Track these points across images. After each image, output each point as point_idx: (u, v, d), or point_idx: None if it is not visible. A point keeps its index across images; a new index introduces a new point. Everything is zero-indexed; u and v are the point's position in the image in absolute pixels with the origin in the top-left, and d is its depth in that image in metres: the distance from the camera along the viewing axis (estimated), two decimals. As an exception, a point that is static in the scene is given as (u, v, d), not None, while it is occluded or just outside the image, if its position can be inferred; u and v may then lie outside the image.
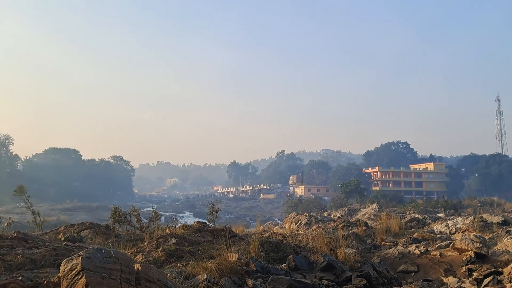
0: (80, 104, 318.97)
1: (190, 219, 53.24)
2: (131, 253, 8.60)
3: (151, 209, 14.33)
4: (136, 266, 4.89)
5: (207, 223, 12.97)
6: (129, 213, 12.34)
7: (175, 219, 15.23)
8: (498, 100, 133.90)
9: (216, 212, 13.74)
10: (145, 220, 12.88)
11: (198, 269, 6.83)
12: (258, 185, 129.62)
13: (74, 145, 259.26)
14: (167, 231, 11.02)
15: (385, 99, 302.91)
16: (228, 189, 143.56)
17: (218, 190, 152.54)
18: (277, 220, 40.79)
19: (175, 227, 11.96)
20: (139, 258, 8.18)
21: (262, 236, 11.24)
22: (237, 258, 7.25)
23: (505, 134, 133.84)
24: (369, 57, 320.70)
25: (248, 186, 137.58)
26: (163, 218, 28.49)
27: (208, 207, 13.98)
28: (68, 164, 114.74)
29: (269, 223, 26.85)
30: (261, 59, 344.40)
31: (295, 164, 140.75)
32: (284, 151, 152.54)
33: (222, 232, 10.46)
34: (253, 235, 11.93)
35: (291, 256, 8.17)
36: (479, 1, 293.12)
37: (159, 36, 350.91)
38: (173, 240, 9.37)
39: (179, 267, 7.37)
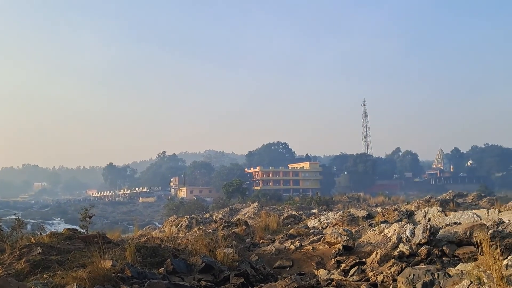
0: None
1: (61, 226, 49.17)
2: (-13, 266, 7.60)
3: (14, 217, 12.81)
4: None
5: (79, 229, 12.04)
6: (-13, 222, 10.89)
7: (43, 226, 13.82)
8: (364, 105, 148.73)
9: (90, 217, 12.82)
10: (7, 229, 11.52)
11: (67, 279, 6.37)
12: (137, 188, 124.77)
13: None
14: (32, 240, 9.96)
15: (268, 99, 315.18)
16: (104, 193, 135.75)
17: (93, 194, 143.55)
18: (157, 224, 39.79)
19: (41, 234, 10.86)
20: (-2, 271, 7.27)
21: (139, 241, 10.80)
22: (111, 265, 6.87)
23: (370, 136, 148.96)
24: (250, 57, 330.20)
25: (126, 190, 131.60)
26: (29, 226, 25.84)
27: (81, 212, 12.99)
28: None
29: (148, 227, 25.97)
30: (141, 55, 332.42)
31: (177, 166, 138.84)
32: (165, 152, 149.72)
33: (95, 239, 9.79)
34: (129, 241, 11.40)
35: (169, 259, 7.97)
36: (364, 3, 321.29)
37: (29, 28, 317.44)
38: (39, 250, 8.50)
39: (46, 278, 6.77)
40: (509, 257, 6.34)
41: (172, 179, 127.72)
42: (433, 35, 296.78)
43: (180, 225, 19.35)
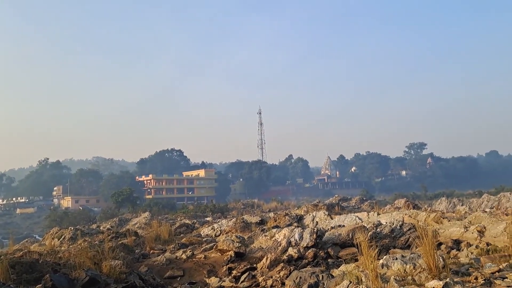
0: None
1: None
2: None
3: None
4: None
5: None
6: None
7: None
8: (260, 113, 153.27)
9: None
10: None
11: None
12: (14, 198, 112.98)
13: None
14: None
15: (162, 105, 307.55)
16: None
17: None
18: (37, 237, 36.30)
19: None
20: None
21: (14, 256, 9.73)
22: (-25, 287, 6.06)
23: (265, 143, 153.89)
24: (144, 60, 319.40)
25: (1, 200, 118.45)
26: None
27: None
28: None
29: (27, 241, 23.55)
30: (19, 54, 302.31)
31: (61, 174, 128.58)
32: (48, 159, 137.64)
33: (-43, 257, 8.59)
34: (1, 256, 10.21)
35: (47, 275, 7.27)
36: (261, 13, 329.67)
37: None
38: None
39: None
40: (385, 257, 6.91)
41: (55, 188, 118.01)
42: (324, 46, 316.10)
43: (63, 237, 17.89)
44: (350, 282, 4.88)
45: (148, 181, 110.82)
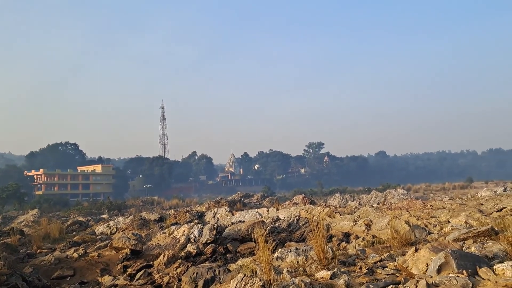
0: None
1: None
2: None
3: None
4: None
5: None
6: None
7: None
8: (163, 108, 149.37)
9: None
10: None
11: None
12: None
13: None
14: None
15: (53, 96, 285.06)
16: None
17: None
18: None
19: None
20: None
21: None
22: None
23: (167, 139, 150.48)
24: (32, 50, 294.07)
25: None
26: None
27: None
28: None
29: None
30: None
31: None
32: None
33: None
34: None
35: None
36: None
37: None
38: None
39: None
40: (280, 250, 7.17)
41: None
42: (230, 42, 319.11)
43: None
44: (245, 275, 4.98)
45: (38, 176, 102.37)
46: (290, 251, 6.94)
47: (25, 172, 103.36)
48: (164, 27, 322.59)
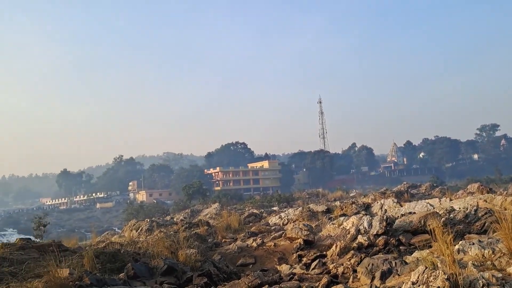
0: None
1: (14, 237, 46.94)
2: None
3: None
4: None
5: (33, 239, 11.55)
6: None
7: (-7, 238, 13.16)
8: (320, 102, 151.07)
9: (44, 226, 12.37)
10: (-45, 242, 10.87)
11: (22, 290, 6.06)
12: (94, 194, 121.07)
13: None
14: (-19, 252, 9.45)
15: (225, 100, 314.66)
16: (59, 200, 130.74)
17: (47, 202, 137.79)
18: (116, 230, 38.72)
19: (-9, 247, 10.32)
20: None
21: (98, 247, 10.51)
22: (68, 273, 6.65)
23: (326, 133, 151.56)
24: (208, 60, 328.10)
25: (82, 196, 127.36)
26: (-22, 239, 24.50)
27: (34, 221, 12.48)
28: None
29: (107, 233, 25.28)
30: (92, 58, 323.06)
31: (135, 170, 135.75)
32: (122, 156, 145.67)
33: (51, 248, 9.43)
34: (87, 247, 11.06)
35: (129, 264, 7.80)
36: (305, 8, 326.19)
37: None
38: (-11, 262, 8.10)
39: (-2, 291, 6.44)
40: (460, 242, 6.66)
41: (130, 183, 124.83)
42: (380, 34, 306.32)
43: (140, 229, 18.97)
44: (426, 267, 4.77)
45: (216, 174, 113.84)
46: (473, 244, 6.38)
47: (205, 170, 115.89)
48: (316, 23, 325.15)
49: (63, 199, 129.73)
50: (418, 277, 4.68)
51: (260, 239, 11.25)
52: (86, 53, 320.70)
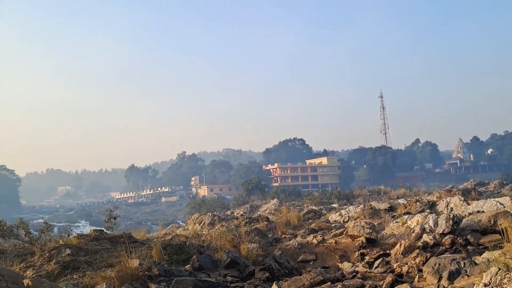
0: None
1: (86, 228, 50.13)
2: (19, 269, 7.86)
3: (41, 221, 13.18)
4: (26, 281, 4.47)
5: (105, 230, 12.28)
6: (16, 226, 11.24)
7: (69, 229, 14.17)
8: (381, 97, 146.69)
9: (115, 218, 13.06)
10: (35, 233, 11.83)
11: (96, 279, 6.51)
12: (159, 188, 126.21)
13: None
14: (61, 242, 10.21)
15: (282, 96, 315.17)
16: (127, 194, 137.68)
17: (116, 196, 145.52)
18: (180, 223, 40.16)
19: (68, 237, 11.14)
20: (29, 273, 7.51)
21: (165, 240, 10.99)
22: (139, 264, 7.01)
23: (388, 128, 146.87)
24: (262, 53, 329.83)
25: (148, 190, 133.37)
26: (56, 229, 26.40)
27: (105, 214, 13.24)
28: None
29: (172, 226, 26.28)
30: (157, 57, 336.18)
31: (196, 165, 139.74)
32: (185, 152, 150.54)
33: (122, 239, 10.01)
34: (155, 240, 11.60)
35: (194, 256, 8.11)
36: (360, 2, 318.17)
37: (43, 36, 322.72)
38: (68, 251, 8.74)
39: (76, 278, 6.94)
40: (536, 244, 6.28)
41: (192, 178, 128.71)
42: (442, 26, 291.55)
43: (203, 222, 19.55)
44: (499, 269, 4.57)
45: (274, 170, 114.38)
46: (552, 246, 6.01)
47: (263, 166, 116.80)
48: (372, 16, 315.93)
49: (130, 193, 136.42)
50: (490, 279, 4.50)
51: (320, 236, 11.23)
52: (149, 53, 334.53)
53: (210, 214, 21.42)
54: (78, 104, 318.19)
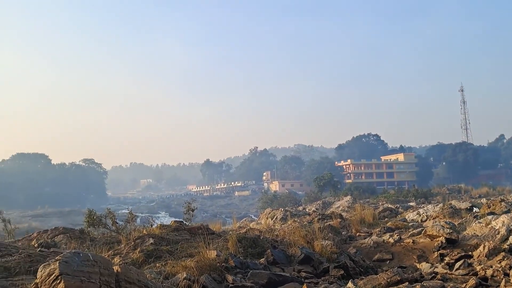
0: (43, 108, 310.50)
1: (166, 219, 52.80)
2: (108, 256, 8.51)
3: (126, 211, 14.14)
4: (116, 268, 4.86)
5: (184, 222, 12.90)
6: (104, 215, 12.18)
7: (151, 219, 15.07)
8: (462, 91, 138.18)
9: (192, 210, 13.69)
10: (121, 222, 12.72)
11: (177, 268, 6.83)
12: (232, 183, 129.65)
13: (43, 149, 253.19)
14: (144, 232, 10.92)
15: (356, 90, 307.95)
16: (202, 187, 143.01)
17: (192, 189, 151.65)
18: (252, 216, 40.95)
19: (151, 227, 11.87)
20: (116, 260, 8.10)
21: (239, 233, 11.32)
22: (216, 255, 7.29)
23: (469, 123, 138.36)
24: (333, 47, 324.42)
25: (222, 184, 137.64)
26: (138, 220, 28.16)
27: (184, 206, 13.91)
28: (37, 169, 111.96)
29: (245, 220, 26.91)
30: (225, 56, 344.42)
31: (268, 160, 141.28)
32: (257, 147, 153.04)
33: (200, 230, 10.47)
34: (230, 232, 11.98)
35: (269, 250, 8.26)
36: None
37: (117, 37, 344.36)
38: (151, 241, 9.31)
39: (158, 267, 7.34)
40: None
41: (264, 173, 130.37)
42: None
43: (275, 217, 19.81)
44: None
45: (347, 166, 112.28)
46: None
47: (336, 162, 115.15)
48: (448, 5, 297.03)
49: (206, 186, 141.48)
50: None
51: (397, 235, 10.90)
52: (221, 53, 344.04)
53: (282, 209, 21.64)
54: (160, 102, 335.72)
